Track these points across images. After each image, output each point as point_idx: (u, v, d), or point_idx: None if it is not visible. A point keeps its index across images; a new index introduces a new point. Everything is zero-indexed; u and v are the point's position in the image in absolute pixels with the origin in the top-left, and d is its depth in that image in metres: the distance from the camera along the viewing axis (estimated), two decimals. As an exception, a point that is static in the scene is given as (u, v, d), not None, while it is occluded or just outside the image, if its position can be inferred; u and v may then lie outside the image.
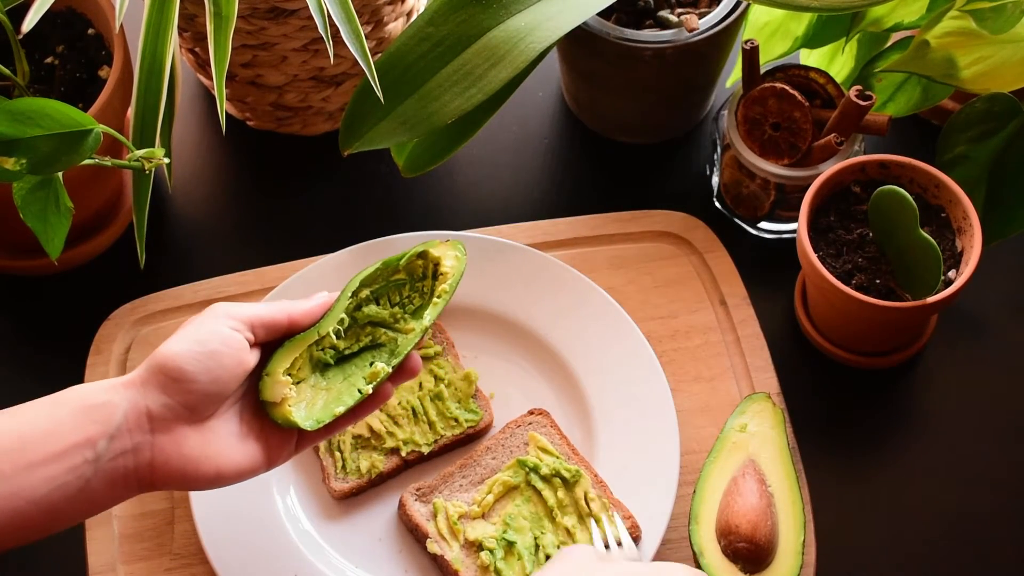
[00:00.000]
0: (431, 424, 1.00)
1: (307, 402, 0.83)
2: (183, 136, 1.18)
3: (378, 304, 0.87)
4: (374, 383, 0.84)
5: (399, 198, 1.15)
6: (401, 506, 0.97)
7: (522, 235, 1.09)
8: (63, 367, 1.06)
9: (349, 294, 0.85)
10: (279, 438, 0.82)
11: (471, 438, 1.01)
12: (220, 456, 0.78)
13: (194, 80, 1.20)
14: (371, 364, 0.85)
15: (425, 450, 0.99)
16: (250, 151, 1.18)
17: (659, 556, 0.95)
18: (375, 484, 0.99)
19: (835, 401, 1.05)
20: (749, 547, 0.90)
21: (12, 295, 1.11)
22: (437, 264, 0.89)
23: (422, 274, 0.89)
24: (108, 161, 0.91)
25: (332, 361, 0.85)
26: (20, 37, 0.88)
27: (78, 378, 1.03)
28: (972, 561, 0.98)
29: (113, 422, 0.75)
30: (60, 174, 0.89)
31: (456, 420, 1.00)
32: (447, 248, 0.89)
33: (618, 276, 1.07)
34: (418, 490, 0.97)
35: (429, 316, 0.87)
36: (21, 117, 0.85)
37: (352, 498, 0.99)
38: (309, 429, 0.81)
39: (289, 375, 0.82)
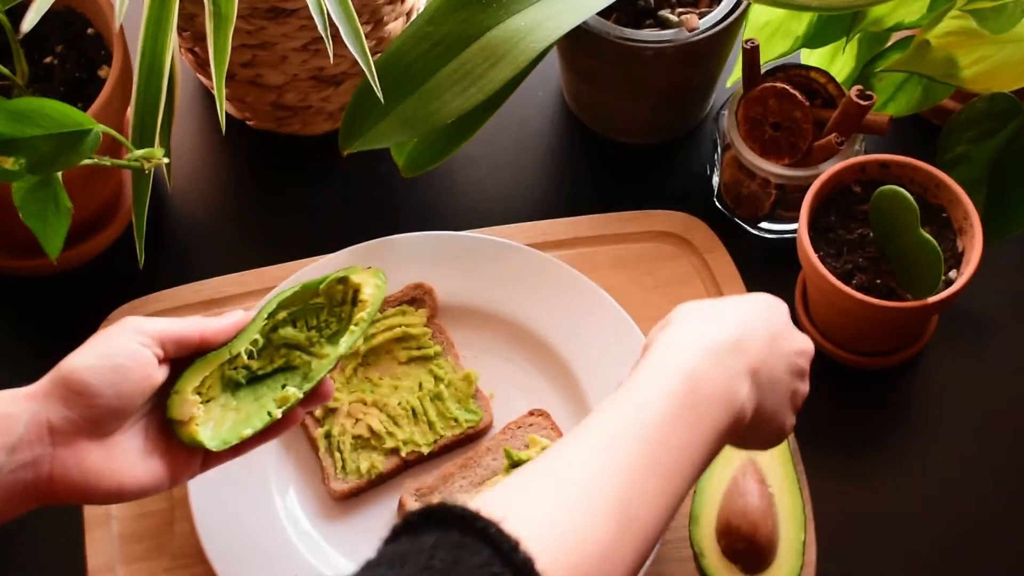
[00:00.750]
0: (431, 424, 1.00)
1: (215, 421, 0.81)
2: (183, 136, 1.18)
3: (295, 327, 0.86)
4: (284, 407, 0.83)
5: (399, 198, 1.15)
6: (401, 507, 0.97)
7: (522, 235, 1.09)
8: (63, 367, 1.06)
9: (265, 315, 0.84)
10: (185, 456, 0.80)
11: (471, 438, 1.01)
12: (122, 472, 0.76)
13: (194, 80, 1.20)
14: (283, 387, 0.84)
15: (425, 450, 0.99)
16: (250, 151, 1.18)
17: (659, 556, 0.95)
18: (375, 484, 0.99)
19: (835, 401, 1.05)
20: (749, 547, 0.90)
21: (12, 295, 1.11)
22: (357, 291, 0.88)
23: (341, 299, 0.89)
24: (107, 161, 0.91)
25: (244, 381, 0.84)
26: (19, 37, 0.88)
27: (78, 378, 1.03)
28: (973, 561, 0.98)
29: (14, 434, 0.72)
30: (59, 174, 0.89)
31: (456, 420, 1.00)
32: (368, 276, 0.89)
33: (618, 276, 1.07)
34: (418, 491, 0.97)
35: (345, 344, 0.86)
36: (20, 117, 0.85)
37: (352, 498, 0.99)
38: (215, 449, 0.80)
39: (199, 394, 0.80)
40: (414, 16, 1.13)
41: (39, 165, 0.86)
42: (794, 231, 1.09)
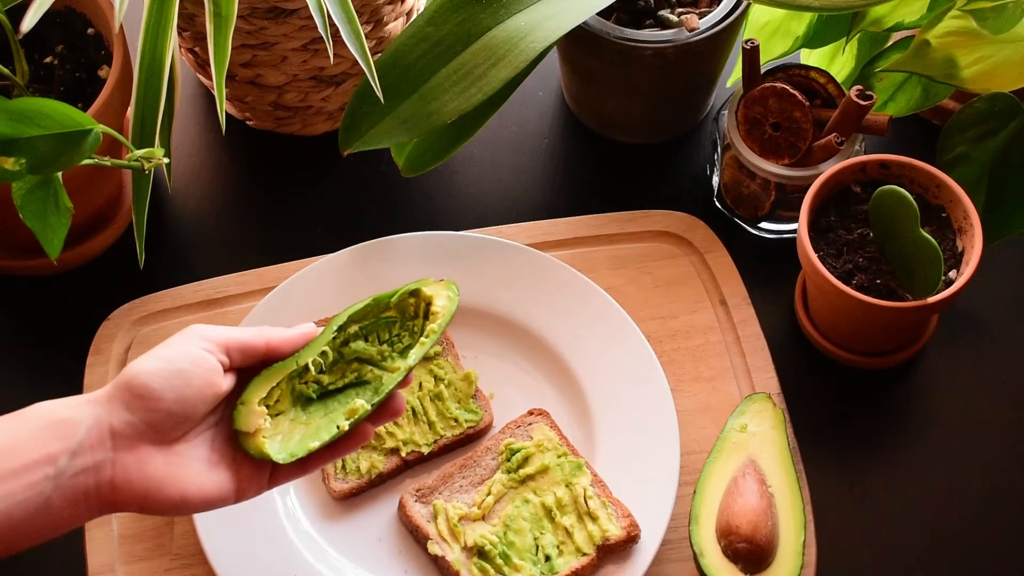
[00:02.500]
0: (431, 424, 1.00)
1: (284, 435, 0.80)
2: (183, 136, 1.18)
3: (366, 341, 0.85)
4: (352, 420, 0.81)
5: (399, 198, 1.15)
6: (401, 507, 0.97)
7: (522, 235, 1.09)
8: (63, 367, 1.06)
9: (335, 328, 0.83)
10: (251, 469, 0.79)
11: (471, 438, 1.01)
12: (186, 481, 0.76)
13: (194, 80, 1.20)
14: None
15: (425, 450, 0.99)
16: (250, 151, 1.18)
17: (659, 556, 0.95)
18: (375, 484, 0.99)
19: (835, 401, 1.05)
20: (749, 547, 0.90)
21: (12, 295, 1.11)
22: (429, 303, 0.87)
23: (413, 312, 0.87)
24: (108, 161, 0.91)
25: (314, 396, 0.83)
26: (19, 37, 0.88)
27: (78, 378, 1.03)
28: (973, 561, 0.98)
29: (75, 438, 0.73)
30: (59, 174, 0.89)
31: (456, 420, 1.00)
32: (440, 288, 0.87)
33: (618, 276, 1.07)
34: (418, 491, 0.97)
35: (415, 356, 0.85)
36: (20, 117, 0.85)
37: (352, 498, 0.99)
38: (281, 462, 0.79)
39: (267, 406, 0.80)
40: (414, 16, 1.13)
41: (39, 165, 0.86)
42: (794, 231, 1.09)
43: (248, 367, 0.80)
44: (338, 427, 0.81)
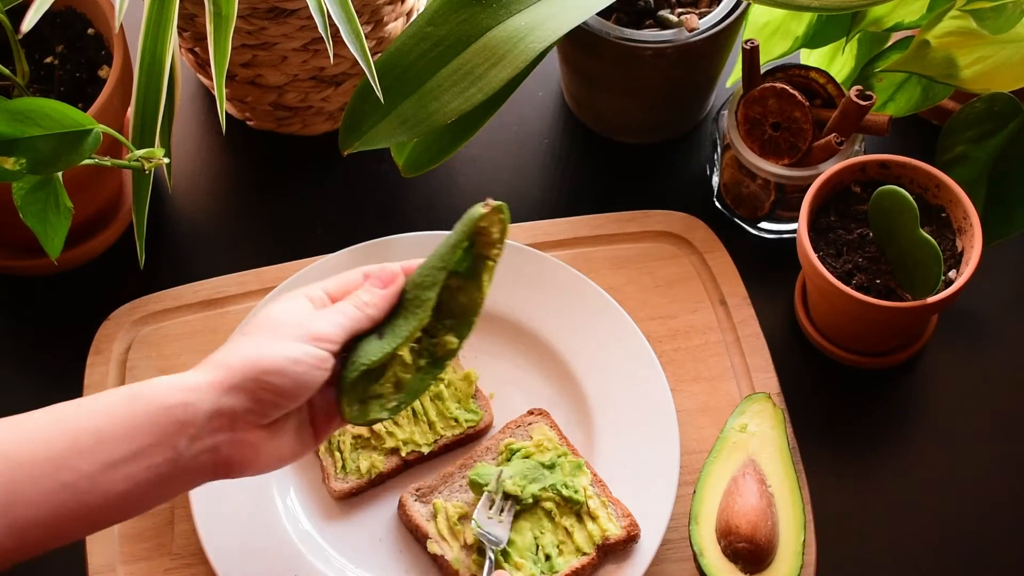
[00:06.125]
0: (431, 424, 1.00)
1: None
2: (183, 136, 1.18)
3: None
4: (447, 357, 0.84)
5: (399, 198, 1.15)
6: (401, 506, 0.97)
7: (522, 235, 1.09)
8: (63, 367, 1.06)
9: (430, 308, 0.83)
10: (324, 420, 0.83)
11: (471, 438, 1.01)
12: (283, 449, 0.81)
13: (194, 80, 1.20)
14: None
15: (425, 450, 0.99)
16: (250, 151, 1.18)
17: (659, 556, 0.95)
18: (375, 484, 0.99)
19: (835, 401, 1.05)
20: (749, 547, 0.90)
21: (12, 295, 1.11)
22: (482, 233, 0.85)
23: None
24: (108, 161, 0.91)
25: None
26: (20, 37, 0.88)
27: (78, 378, 1.03)
28: (973, 561, 0.98)
29: (196, 423, 0.76)
30: (60, 174, 0.89)
31: (456, 420, 1.00)
32: (491, 216, 0.84)
33: (618, 276, 1.07)
34: (418, 490, 0.97)
35: (488, 282, 0.84)
36: (21, 117, 0.85)
37: (352, 498, 0.99)
38: (389, 417, 0.83)
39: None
40: (414, 16, 1.13)
41: (39, 165, 0.86)
42: (794, 231, 1.09)
43: None
44: (433, 368, 0.83)
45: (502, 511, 0.94)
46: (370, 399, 0.82)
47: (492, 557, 0.92)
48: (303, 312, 0.81)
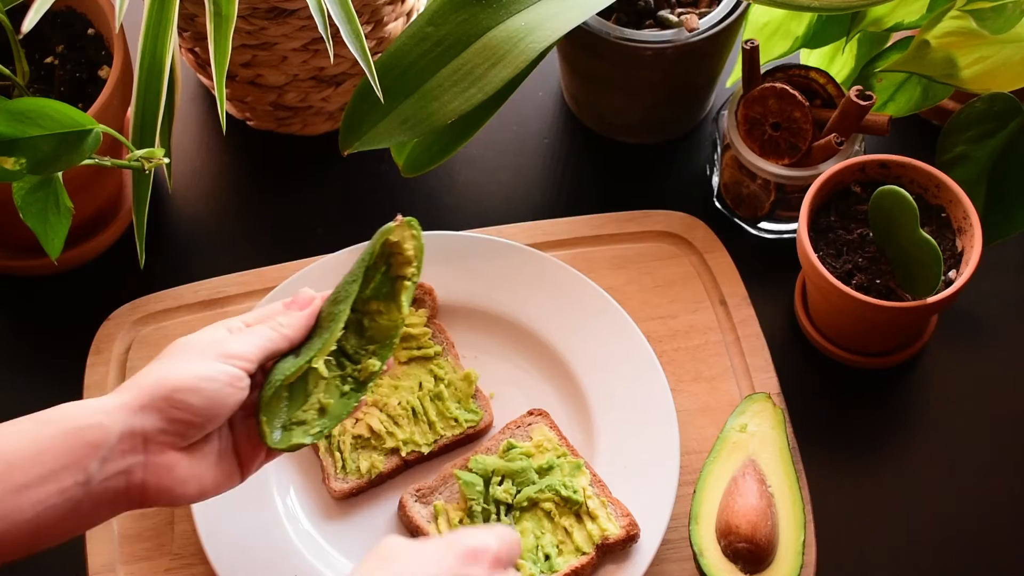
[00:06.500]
0: (431, 424, 1.00)
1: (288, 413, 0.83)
2: (183, 136, 1.18)
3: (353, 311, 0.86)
4: (370, 379, 0.84)
5: (399, 198, 1.15)
6: (401, 507, 0.97)
7: (522, 235, 1.09)
8: (63, 367, 1.06)
9: (342, 324, 0.84)
10: (250, 448, 0.82)
11: (471, 438, 1.01)
12: (204, 476, 0.79)
13: (194, 80, 1.20)
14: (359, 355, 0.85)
15: (425, 450, 0.99)
16: (250, 151, 1.18)
17: (659, 556, 0.95)
18: (375, 484, 0.99)
19: (835, 401, 1.05)
20: (749, 547, 0.90)
21: (12, 295, 1.11)
22: (398, 250, 0.87)
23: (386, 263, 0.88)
24: (108, 161, 0.91)
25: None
26: (20, 37, 0.88)
27: (78, 378, 1.03)
28: (973, 561, 0.98)
29: (107, 444, 0.74)
30: (60, 174, 0.89)
31: (456, 420, 1.00)
32: (402, 230, 0.86)
33: (618, 276, 1.07)
34: (418, 491, 0.97)
35: (406, 303, 0.86)
36: (21, 117, 0.85)
37: (352, 498, 0.99)
38: (311, 443, 0.82)
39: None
40: (414, 16, 1.13)
41: (40, 165, 0.86)
42: (794, 231, 1.09)
43: None
44: (356, 392, 0.84)
45: (497, 519, 0.95)
46: (293, 425, 0.82)
47: None
48: (218, 335, 0.80)
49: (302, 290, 0.86)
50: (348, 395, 0.84)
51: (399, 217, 0.86)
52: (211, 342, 0.79)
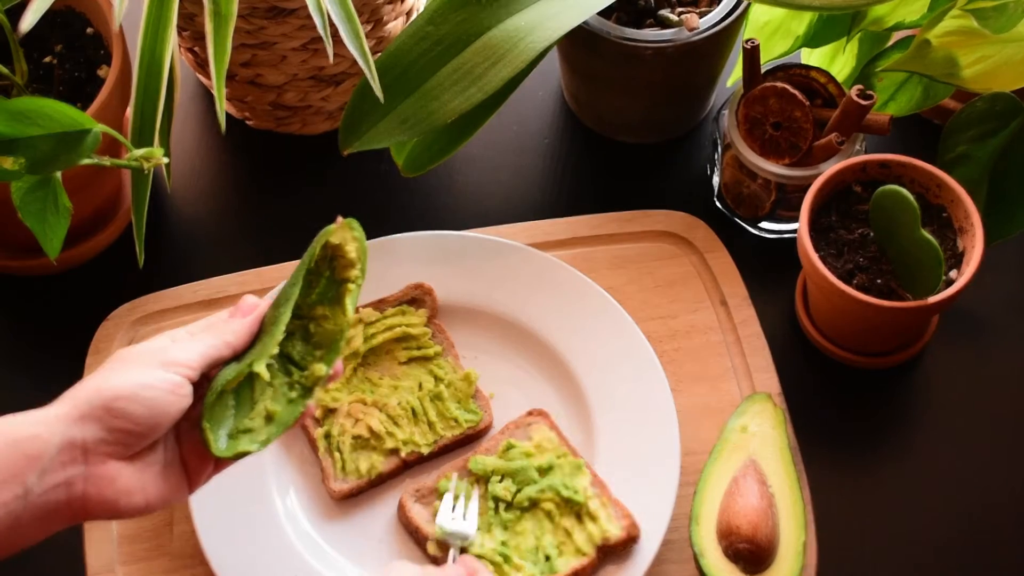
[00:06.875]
0: (431, 425, 1.00)
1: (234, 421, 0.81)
2: (182, 136, 1.18)
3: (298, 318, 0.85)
4: (317, 384, 0.82)
5: (399, 198, 1.15)
6: (401, 508, 0.97)
7: (522, 235, 1.09)
8: (62, 367, 1.06)
9: (283, 330, 0.82)
10: (198, 461, 0.81)
11: (471, 439, 1.01)
12: (149, 487, 0.77)
13: (193, 80, 1.20)
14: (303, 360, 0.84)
15: (425, 451, 0.99)
16: (249, 151, 1.18)
17: (659, 556, 0.95)
18: (375, 485, 0.99)
19: (836, 401, 1.05)
20: (750, 548, 0.90)
21: (11, 295, 1.11)
22: (340, 253, 0.85)
23: (329, 267, 0.86)
24: (107, 161, 0.91)
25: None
26: (19, 37, 0.88)
27: (78, 378, 1.02)
28: (974, 561, 0.98)
29: (45, 456, 0.73)
30: (59, 174, 0.89)
31: (456, 420, 1.00)
32: (343, 232, 0.85)
33: (618, 276, 1.07)
34: (417, 491, 0.97)
35: (351, 306, 0.84)
36: (20, 116, 0.85)
37: (352, 499, 0.99)
38: (258, 451, 0.80)
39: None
40: (414, 16, 1.13)
41: (39, 165, 0.86)
42: (794, 231, 1.09)
43: None
44: (303, 399, 0.82)
45: (464, 508, 0.94)
46: (240, 433, 0.80)
47: (455, 551, 0.93)
48: (160, 344, 0.79)
49: (245, 297, 0.84)
50: (295, 401, 0.82)
51: (339, 219, 0.85)
52: (152, 351, 0.78)
